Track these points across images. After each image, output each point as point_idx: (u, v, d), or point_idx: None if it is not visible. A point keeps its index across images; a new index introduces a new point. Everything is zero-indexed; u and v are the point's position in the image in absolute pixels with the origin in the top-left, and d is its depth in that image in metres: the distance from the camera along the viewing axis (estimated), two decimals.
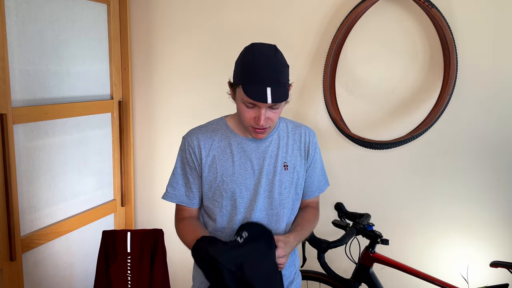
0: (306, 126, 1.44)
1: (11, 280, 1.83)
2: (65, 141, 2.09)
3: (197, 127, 1.39)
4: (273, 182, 1.32)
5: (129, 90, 2.41)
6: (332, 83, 1.95)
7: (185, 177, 1.36)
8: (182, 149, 1.36)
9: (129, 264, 1.77)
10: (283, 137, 1.37)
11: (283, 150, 1.35)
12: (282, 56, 1.22)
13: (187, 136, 1.36)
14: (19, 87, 1.83)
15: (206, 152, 1.32)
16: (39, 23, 1.90)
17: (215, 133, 1.35)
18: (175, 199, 1.38)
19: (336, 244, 1.55)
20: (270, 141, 1.35)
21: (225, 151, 1.33)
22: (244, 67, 1.20)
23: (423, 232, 1.92)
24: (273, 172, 1.32)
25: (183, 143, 1.36)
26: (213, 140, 1.33)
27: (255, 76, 1.17)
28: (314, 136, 1.42)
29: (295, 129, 1.40)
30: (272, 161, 1.33)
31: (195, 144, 1.33)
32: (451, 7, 1.73)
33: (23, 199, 1.89)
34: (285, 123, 1.41)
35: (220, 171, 1.31)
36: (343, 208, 1.79)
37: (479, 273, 1.83)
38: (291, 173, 1.35)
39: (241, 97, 1.21)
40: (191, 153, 1.33)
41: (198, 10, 2.21)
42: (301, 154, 1.38)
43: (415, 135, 1.77)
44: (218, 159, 1.32)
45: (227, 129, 1.35)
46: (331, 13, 1.94)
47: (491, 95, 1.74)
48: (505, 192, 1.77)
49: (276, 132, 1.36)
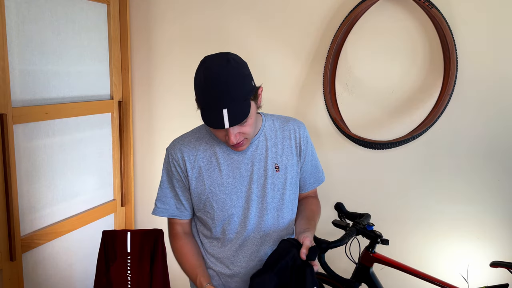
0: (294, 119, 1.38)
1: (11, 280, 1.83)
2: (65, 141, 2.09)
3: (180, 138, 1.33)
4: (265, 186, 1.27)
5: (129, 90, 2.41)
6: (332, 83, 1.95)
7: (173, 190, 1.32)
8: (166, 162, 1.32)
9: (129, 264, 1.77)
10: (271, 137, 1.31)
11: (272, 151, 1.30)
12: (236, 66, 1.12)
13: (170, 149, 1.31)
14: (19, 87, 1.83)
15: (191, 164, 1.27)
16: (39, 23, 1.90)
17: (199, 143, 1.29)
18: (166, 213, 1.34)
19: (336, 244, 1.54)
20: (257, 144, 1.29)
21: (211, 161, 1.28)
22: (197, 90, 1.14)
23: (423, 232, 1.92)
24: (264, 175, 1.28)
25: (167, 156, 1.31)
26: (197, 150, 1.28)
27: (208, 100, 1.10)
28: (304, 129, 1.36)
29: (283, 125, 1.34)
30: (262, 165, 1.28)
31: (179, 156, 1.28)
32: (451, 7, 1.73)
33: (23, 199, 1.89)
34: (272, 121, 1.35)
35: (208, 183, 1.27)
36: (343, 208, 1.79)
37: (479, 273, 1.83)
38: (283, 174, 1.30)
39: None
40: (175, 166, 1.29)
41: (198, 10, 2.21)
42: (292, 151, 1.33)
43: (415, 135, 1.76)
44: (205, 170, 1.27)
45: (211, 137, 1.30)
46: (331, 13, 1.94)
47: (491, 95, 1.73)
48: (505, 192, 1.77)
49: (262, 133, 1.31)
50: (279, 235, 1.32)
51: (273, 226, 1.31)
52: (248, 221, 1.28)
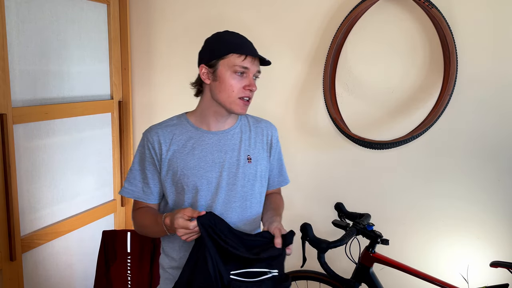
0: (266, 120, 1.48)
1: (11, 280, 1.83)
2: (65, 141, 2.09)
3: (157, 123, 1.39)
4: (237, 175, 1.33)
5: (129, 90, 2.41)
6: (332, 83, 1.95)
7: (143, 173, 1.35)
8: (141, 145, 1.35)
9: (129, 264, 1.77)
10: (245, 131, 1.39)
11: (245, 143, 1.37)
12: None
13: (147, 132, 1.35)
14: (19, 87, 1.83)
15: (167, 147, 1.31)
16: (39, 23, 1.90)
17: (176, 128, 1.35)
18: (131, 195, 1.36)
19: (336, 244, 1.54)
20: (232, 134, 1.36)
21: (185, 145, 1.32)
22: (225, 38, 1.30)
23: (423, 232, 1.92)
24: (236, 165, 1.33)
25: (143, 139, 1.35)
26: (173, 134, 1.33)
27: (240, 40, 1.29)
28: (275, 130, 1.47)
29: (256, 123, 1.44)
30: (235, 154, 1.34)
31: (155, 139, 1.32)
32: (451, 7, 1.73)
33: (23, 199, 1.89)
34: (246, 118, 1.44)
35: (181, 165, 1.30)
36: (343, 208, 1.79)
37: (479, 273, 1.83)
38: (255, 166, 1.36)
39: (232, 65, 1.25)
40: (150, 149, 1.32)
41: (198, 10, 2.21)
42: (263, 147, 1.41)
43: (415, 135, 1.77)
44: (179, 153, 1.31)
45: (188, 123, 1.36)
46: (331, 13, 1.94)
47: (491, 95, 1.73)
48: (505, 192, 1.77)
49: (238, 126, 1.38)
50: (244, 230, 1.34)
51: (240, 215, 1.34)
52: (215, 205, 1.31)
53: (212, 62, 1.28)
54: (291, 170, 2.14)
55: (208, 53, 1.31)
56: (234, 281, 1.13)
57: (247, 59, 1.26)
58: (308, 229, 1.56)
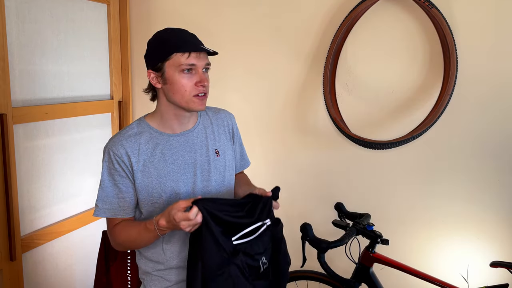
0: (224, 110, 1.49)
1: (11, 280, 1.83)
2: (65, 141, 2.09)
3: (117, 135, 1.32)
4: (209, 171, 1.34)
5: (129, 90, 2.41)
6: (332, 83, 1.95)
7: (116, 188, 1.29)
8: (107, 161, 1.28)
9: (129, 264, 1.77)
10: (208, 125, 1.40)
11: (211, 137, 1.38)
12: None
13: (112, 146, 1.27)
14: (19, 87, 1.83)
15: (136, 158, 1.27)
16: (39, 23, 1.90)
17: (140, 136, 1.29)
18: (108, 213, 1.30)
19: (336, 244, 1.54)
20: (197, 132, 1.36)
21: (154, 153, 1.28)
22: (165, 37, 1.27)
23: (423, 232, 1.92)
24: (207, 161, 1.34)
25: (108, 154, 1.28)
26: (139, 144, 1.28)
27: (182, 37, 1.26)
28: (233, 118, 1.49)
29: (215, 115, 1.44)
30: (204, 151, 1.34)
31: (122, 152, 1.26)
32: (451, 7, 1.73)
33: (23, 199, 1.89)
34: (205, 112, 1.43)
35: (154, 173, 1.27)
36: (343, 208, 1.79)
37: (479, 273, 1.83)
38: (223, 158, 1.38)
39: (178, 64, 1.22)
40: (119, 163, 1.26)
41: (198, 10, 2.21)
42: (227, 137, 1.43)
43: (415, 135, 1.77)
44: (149, 162, 1.27)
45: (150, 129, 1.31)
46: (331, 13, 1.94)
47: (491, 95, 1.74)
48: (505, 192, 1.77)
49: (200, 123, 1.39)
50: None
51: None
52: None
53: (158, 66, 1.24)
54: (292, 170, 2.14)
55: (152, 56, 1.27)
56: (238, 245, 1.19)
57: (192, 55, 1.22)
58: (308, 229, 1.56)
